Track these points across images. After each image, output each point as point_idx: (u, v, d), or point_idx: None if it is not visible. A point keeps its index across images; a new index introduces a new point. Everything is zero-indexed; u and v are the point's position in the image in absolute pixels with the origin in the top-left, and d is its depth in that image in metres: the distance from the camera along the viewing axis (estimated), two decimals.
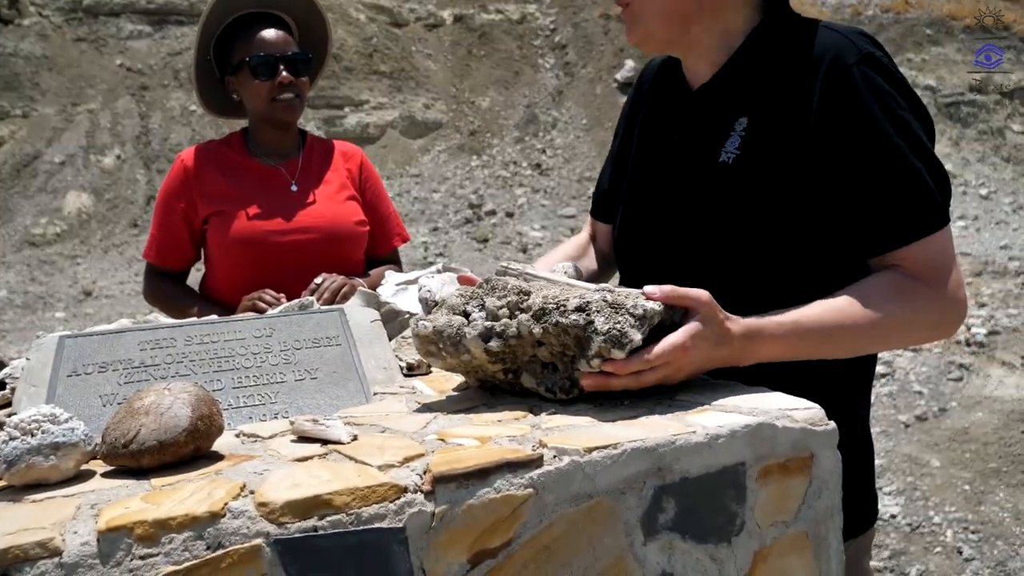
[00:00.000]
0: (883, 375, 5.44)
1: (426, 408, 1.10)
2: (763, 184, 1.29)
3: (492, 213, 11.56)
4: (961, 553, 3.54)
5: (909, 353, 5.77)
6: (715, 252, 1.34)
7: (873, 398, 5.18)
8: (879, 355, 1.51)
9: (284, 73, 2.05)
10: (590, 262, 1.69)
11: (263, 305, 1.80)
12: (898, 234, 1.24)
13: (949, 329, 1.32)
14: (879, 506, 3.81)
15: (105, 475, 0.86)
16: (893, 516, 3.79)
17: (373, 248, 2.24)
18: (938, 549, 3.58)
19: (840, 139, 1.24)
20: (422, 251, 10.02)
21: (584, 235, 1.77)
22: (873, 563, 3.58)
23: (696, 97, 1.42)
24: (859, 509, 1.45)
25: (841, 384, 1.36)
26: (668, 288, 1.07)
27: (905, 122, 1.24)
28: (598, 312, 1.01)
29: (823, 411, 1.02)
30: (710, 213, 1.34)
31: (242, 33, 2.08)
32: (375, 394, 1.23)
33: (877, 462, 4.32)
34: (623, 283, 1.52)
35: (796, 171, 1.26)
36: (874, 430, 4.68)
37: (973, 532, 3.67)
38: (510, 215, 11.58)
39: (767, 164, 1.28)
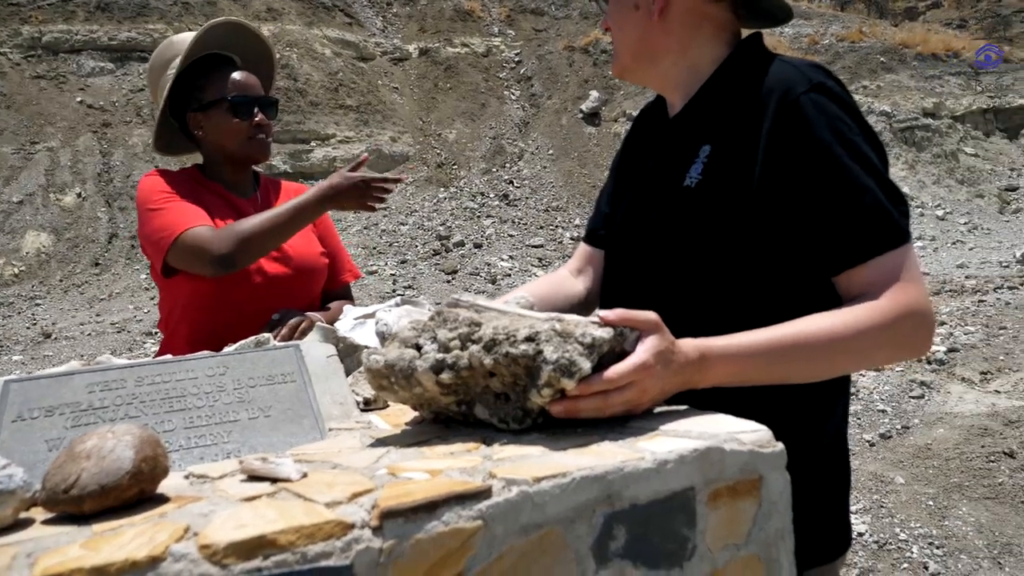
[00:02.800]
0: None
1: (379, 443, 1.10)
2: (722, 208, 1.33)
3: (460, 244, 11.59)
4: (927, 568, 3.57)
5: (872, 373, 5.85)
6: (679, 274, 1.38)
7: None
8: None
9: (260, 115, 2.10)
10: (569, 295, 1.70)
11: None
12: (856, 251, 1.25)
13: (917, 347, 1.28)
14: None
15: (45, 522, 0.84)
16: (860, 534, 3.82)
17: (325, 284, 2.25)
18: (905, 565, 3.61)
19: (792, 163, 1.27)
20: (391, 283, 10.00)
21: (564, 270, 1.79)
22: None
23: (670, 126, 1.51)
24: (832, 534, 1.46)
25: (803, 408, 1.38)
26: (620, 311, 1.09)
27: (856, 145, 1.27)
28: (547, 341, 1.02)
29: (771, 433, 1.03)
30: (673, 235, 1.39)
31: (212, 72, 2.10)
32: (330, 430, 1.22)
33: None
34: (604, 307, 1.55)
35: (752, 196, 1.30)
36: None
37: (938, 547, 3.71)
38: (478, 246, 11.62)
39: (725, 189, 1.33)
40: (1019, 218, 14.38)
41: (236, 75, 2.12)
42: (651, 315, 1.10)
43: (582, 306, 1.68)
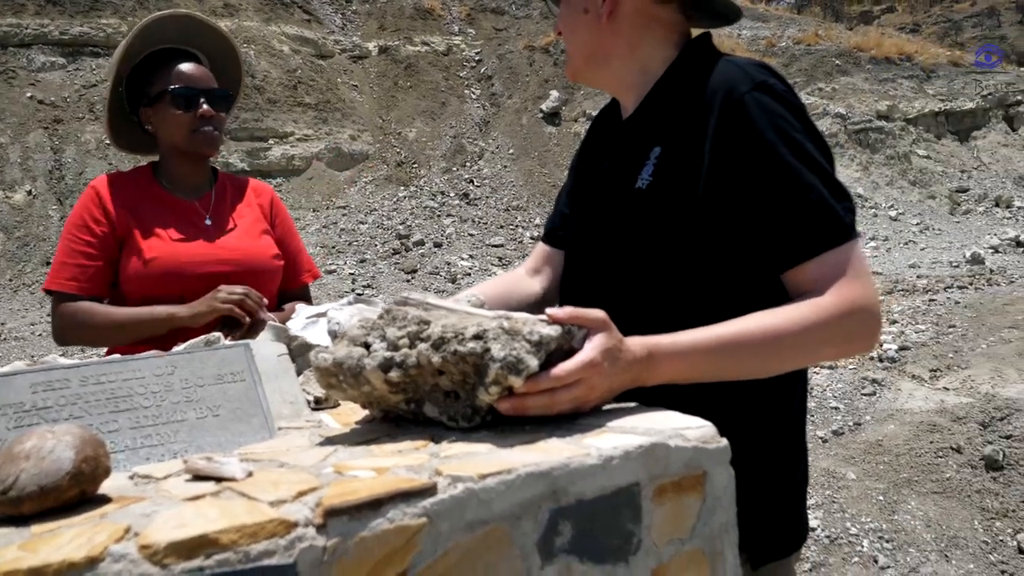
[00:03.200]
0: None
1: (328, 441, 1.10)
2: (671, 208, 1.34)
3: (420, 243, 11.55)
4: (877, 562, 3.65)
5: (825, 371, 5.96)
6: (631, 275, 1.40)
7: None
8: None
9: (205, 106, 2.05)
10: (523, 295, 1.71)
11: (251, 306, 1.82)
12: (802, 248, 1.27)
13: (863, 343, 1.29)
14: None
15: None
16: (813, 529, 3.89)
17: (283, 284, 2.23)
18: (855, 559, 3.69)
19: (737, 162, 1.29)
20: (350, 283, 9.93)
21: (521, 269, 1.79)
22: None
23: (623, 128, 1.52)
24: (788, 530, 1.48)
25: (759, 406, 1.40)
26: (568, 309, 1.10)
27: (799, 143, 1.28)
28: (495, 339, 1.03)
29: (715, 429, 1.05)
30: (625, 237, 1.41)
31: (162, 65, 2.07)
32: (280, 429, 1.21)
33: None
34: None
35: (700, 196, 1.32)
36: None
37: (888, 541, 3.80)
38: (438, 245, 11.59)
39: (674, 190, 1.34)
40: (969, 219, 14.76)
41: (181, 66, 2.07)
42: (599, 313, 1.11)
43: (538, 305, 1.69)
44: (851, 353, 1.35)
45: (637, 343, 1.16)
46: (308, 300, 2.28)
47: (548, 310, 1.09)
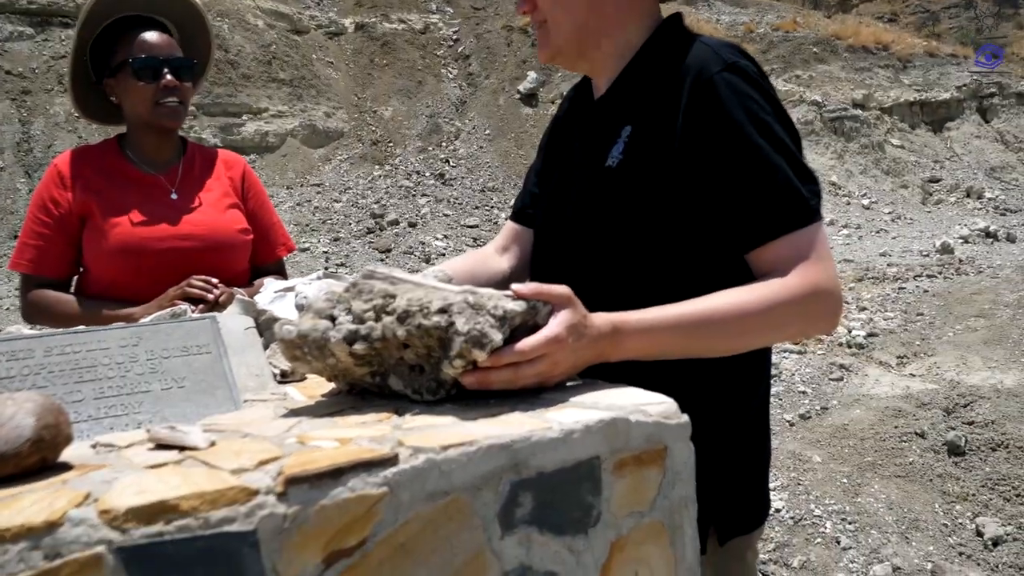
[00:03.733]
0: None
1: (292, 413, 1.10)
2: (641, 187, 1.35)
3: (395, 223, 11.50)
4: (839, 543, 3.73)
5: (795, 355, 6.04)
6: (600, 253, 1.41)
7: None
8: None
9: (168, 77, 2.01)
10: (492, 272, 1.71)
11: (197, 292, 1.80)
12: (766, 228, 1.28)
13: (825, 323, 1.31)
14: None
15: None
16: (778, 510, 3.96)
17: (257, 257, 2.21)
18: (818, 540, 3.76)
19: (705, 141, 1.30)
20: (323, 261, 9.88)
21: (489, 247, 1.80)
22: (759, 556, 3.74)
23: (595, 108, 1.52)
24: (750, 507, 1.52)
25: (723, 384, 1.42)
26: (533, 285, 1.10)
27: (767, 124, 1.30)
28: (459, 313, 1.03)
29: (676, 405, 1.07)
30: (593, 215, 1.42)
31: (123, 35, 2.03)
32: (245, 402, 1.22)
33: None
34: None
35: (669, 175, 1.33)
36: None
37: (850, 523, 3.87)
38: (413, 225, 11.55)
39: (644, 168, 1.35)
40: (940, 209, 14.97)
41: (144, 35, 2.02)
42: (563, 289, 1.12)
43: (505, 283, 1.68)
44: (813, 333, 1.38)
45: (602, 319, 1.17)
46: (283, 274, 2.26)
47: (513, 285, 1.10)
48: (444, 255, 10.45)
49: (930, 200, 15.34)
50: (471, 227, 11.71)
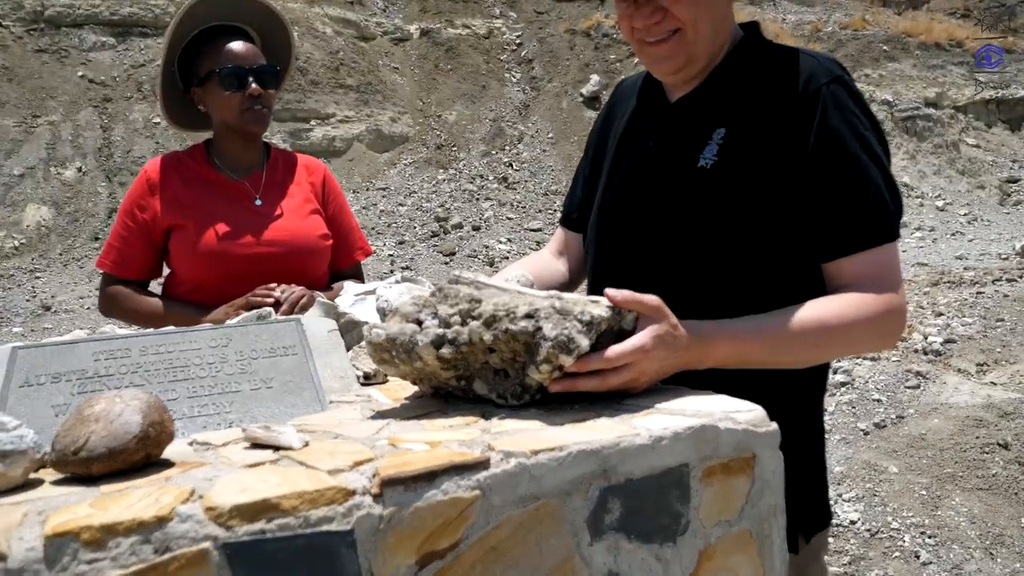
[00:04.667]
0: (843, 384, 5.54)
1: (380, 415, 1.12)
2: (739, 188, 1.36)
3: (459, 226, 11.58)
4: (919, 557, 3.61)
5: (868, 362, 5.87)
6: (690, 253, 1.41)
7: (833, 406, 5.27)
8: (839, 364, 1.59)
9: (253, 85, 2.07)
10: (554, 275, 1.73)
11: (258, 302, 1.84)
12: (852, 240, 1.31)
13: (893, 339, 1.38)
14: (839, 512, 3.88)
15: (55, 483, 0.86)
16: (853, 522, 3.85)
17: (336, 262, 2.25)
18: (896, 554, 3.64)
19: (806, 149, 1.32)
20: (388, 264, 10.01)
21: (546, 251, 1.81)
22: (833, 569, 3.64)
23: (675, 109, 1.51)
24: (823, 503, 1.51)
25: (795, 392, 1.42)
26: (626, 292, 1.11)
27: (866, 139, 1.34)
28: (546, 319, 1.04)
29: (765, 413, 1.05)
30: (687, 215, 1.42)
31: (209, 45, 2.09)
32: (331, 403, 1.24)
33: (837, 469, 4.39)
34: (593, 287, 1.57)
35: (768, 178, 1.35)
36: (834, 438, 4.78)
37: (930, 536, 3.74)
38: (476, 228, 11.62)
39: (743, 170, 1.37)
40: (1019, 210, 14.39)
41: (229, 45, 2.08)
42: (654, 299, 1.12)
43: (565, 287, 1.71)
44: (881, 348, 1.45)
45: (693, 328, 1.17)
46: (360, 278, 2.30)
47: (608, 291, 1.10)
48: (508, 258, 10.48)
49: (1008, 201, 14.75)
50: (534, 231, 11.73)
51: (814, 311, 1.28)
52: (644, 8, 1.38)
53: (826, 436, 4.70)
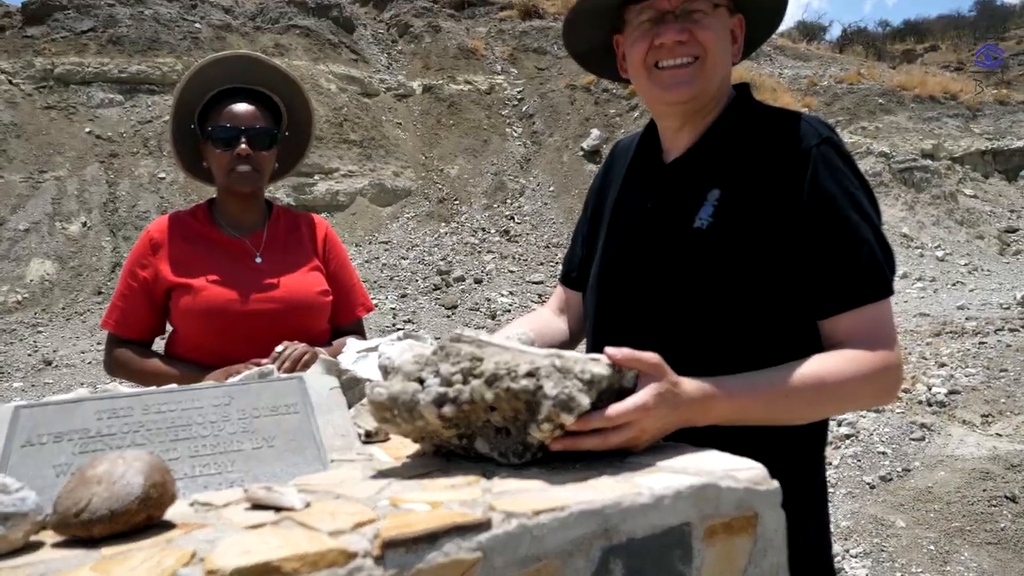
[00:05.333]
0: (847, 436, 5.50)
1: (381, 475, 1.12)
2: (734, 249, 1.39)
3: (461, 279, 11.62)
4: None
5: (872, 414, 5.84)
6: (687, 312, 1.43)
7: (838, 460, 5.22)
8: (843, 417, 1.60)
9: (242, 145, 2.09)
10: (555, 333, 1.75)
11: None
12: (846, 298, 1.33)
13: (890, 395, 1.39)
14: (847, 568, 3.81)
15: (55, 545, 0.86)
16: None
17: (337, 318, 2.26)
18: None
19: (798, 210, 1.35)
20: (390, 318, 10.02)
21: (547, 309, 1.83)
22: None
23: (670, 170, 1.54)
24: (815, 571, 1.49)
25: (795, 448, 1.43)
26: (626, 350, 1.13)
27: (857, 199, 1.37)
28: (547, 377, 1.04)
29: (766, 471, 1.05)
30: (684, 275, 1.44)
31: (220, 104, 2.14)
32: (332, 461, 1.24)
33: (844, 524, 4.33)
34: (593, 346, 1.58)
35: (763, 238, 1.37)
36: (840, 492, 4.73)
37: None
38: (479, 281, 11.65)
39: (739, 231, 1.39)
40: (1019, 260, 14.43)
41: (231, 106, 2.13)
42: (654, 357, 1.14)
43: (566, 345, 1.73)
44: (880, 403, 1.49)
45: (692, 385, 1.18)
46: (362, 333, 2.31)
47: (607, 349, 1.11)
48: (510, 311, 10.49)
49: (1008, 251, 14.80)
50: (536, 283, 11.75)
51: (811, 369, 1.29)
52: (672, 25, 1.41)
53: (832, 490, 4.66)
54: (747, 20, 1.52)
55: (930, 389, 6.41)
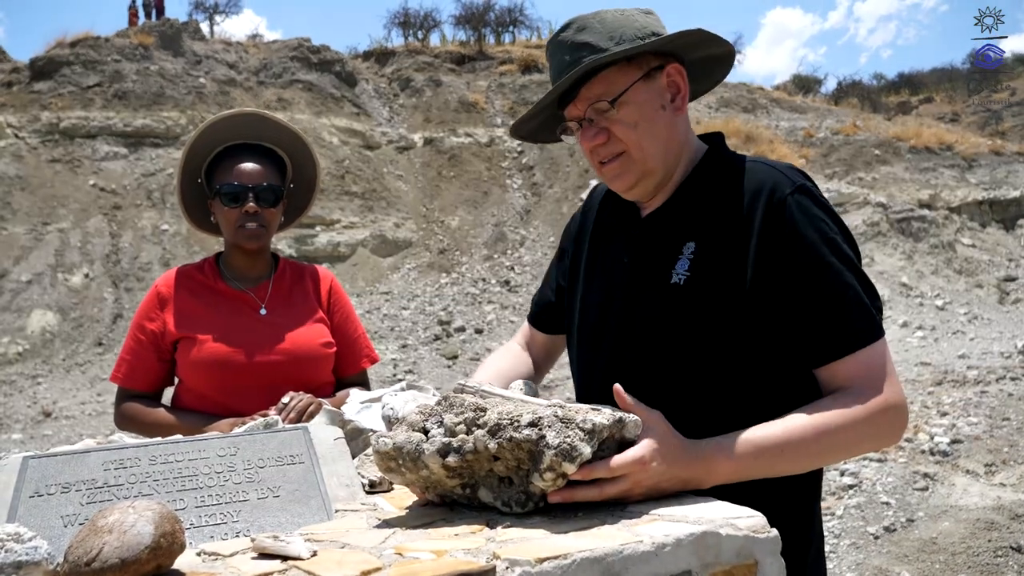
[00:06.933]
0: (850, 486, 5.46)
1: (386, 524, 1.13)
2: (713, 303, 1.38)
3: (461, 330, 11.64)
4: None
5: (875, 464, 5.81)
6: (670, 367, 1.42)
7: (842, 510, 5.19)
8: (845, 466, 1.58)
9: (251, 203, 2.15)
10: (528, 365, 1.78)
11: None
12: (839, 345, 1.32)
13: (896, 436, 1.36)
14: None
15: None
16: None
17: (342, 369, 2.28)
18: None
19: (779, 260, 1.34)
20: (391, 368, 10.01)
21: (516, 344, 1.84)
22: None
23: (646, 224, 1.53)
24: None
25: (790, 496, 1.41)
26: (632, 398, 1.16)
27: (837, 244, 1.36)
28: (549, 427, 1.07)
29: (765, 519, 1.07)
30: (663, 330, 1.42)
31: (228, 161, 2.19)
32: (337, 511, 1.25)
33: (848, 575, 4.28)
34: (581, 396, 1.59)
35: (742, 290, 1.36)
36: (844, 543, 4.68)
37: None
38: (479, 331, 11.67)
39: (715, 284, 1.38)
40: (1019, 308, 14.46)
41: (239, 164, 2.18)
42: (655, 413, 1.17)
43: (534, 380, 1.74)
44: (884, 447, 1.42)
45: (692, 447, 1.20)
46: (366, 385, 2.33)
47: (616, 386, 1.16)
48: None
49: (1007, 299, 14.85)
50: None
51: (812, 418, 1.28)
52: (589, 130, 1.45)
53: (836, 540, 4.61)
54: (692, 59, 1.49)
55: (932, 438, 6.39)
